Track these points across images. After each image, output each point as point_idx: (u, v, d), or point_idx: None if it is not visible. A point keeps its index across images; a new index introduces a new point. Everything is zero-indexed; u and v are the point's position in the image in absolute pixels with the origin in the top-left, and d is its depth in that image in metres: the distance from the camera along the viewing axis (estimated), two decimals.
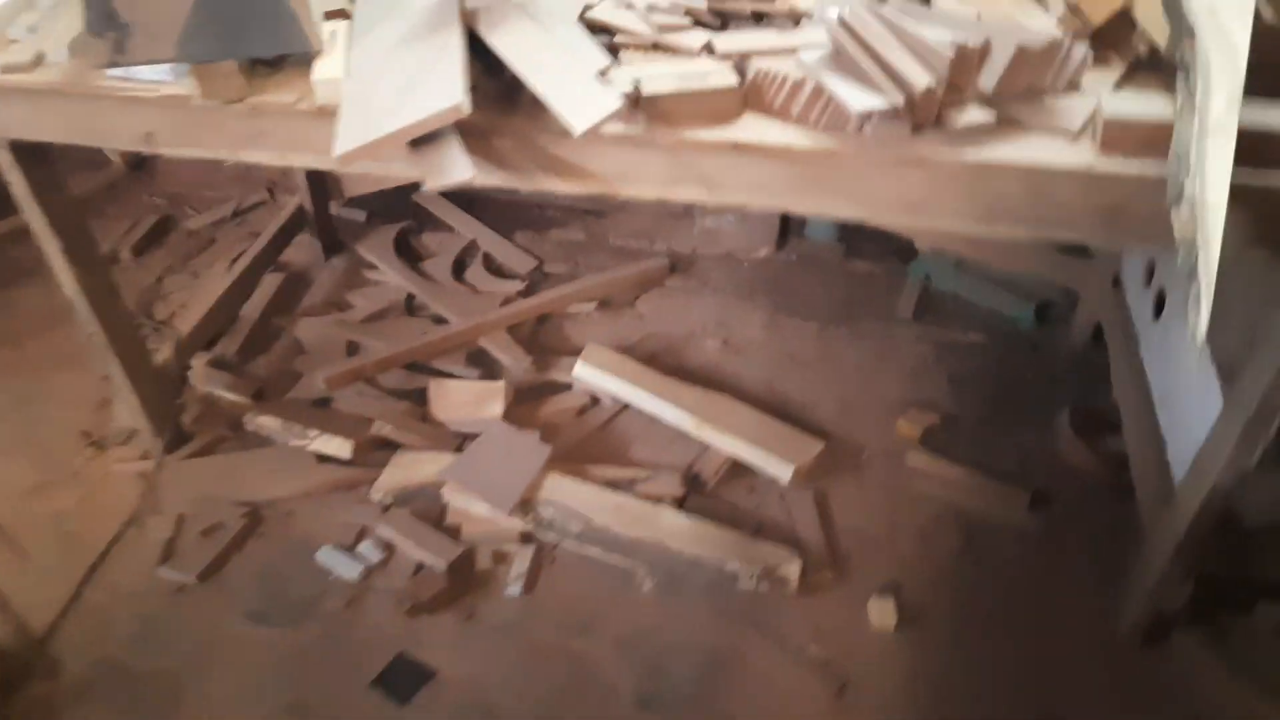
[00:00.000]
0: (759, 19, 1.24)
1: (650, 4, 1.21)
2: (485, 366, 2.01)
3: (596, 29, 1.23)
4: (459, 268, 2.28)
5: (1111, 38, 1.21)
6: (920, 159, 1.07)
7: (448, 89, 1.05)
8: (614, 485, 1.76)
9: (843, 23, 1.10)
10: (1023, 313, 2.11)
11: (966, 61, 1.06)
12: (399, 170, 1.14)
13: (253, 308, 2.16)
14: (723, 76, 1.12)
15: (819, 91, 1.10)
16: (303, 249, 2.34)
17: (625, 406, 1.93)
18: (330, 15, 1.32)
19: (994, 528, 1.74)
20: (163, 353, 1.88)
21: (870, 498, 1.80)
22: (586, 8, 1.24)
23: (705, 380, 2.00)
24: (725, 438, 1.81)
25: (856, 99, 1.04)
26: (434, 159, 1.05)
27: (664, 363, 2.05)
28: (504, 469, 1.71)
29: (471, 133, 1.15)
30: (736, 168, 1.14)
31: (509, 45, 1.10)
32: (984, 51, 1.06)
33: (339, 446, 1.79)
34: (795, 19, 1.22)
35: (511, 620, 1.60)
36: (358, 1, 1.31)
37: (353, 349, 2.04)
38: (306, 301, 2.22)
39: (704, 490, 1.79)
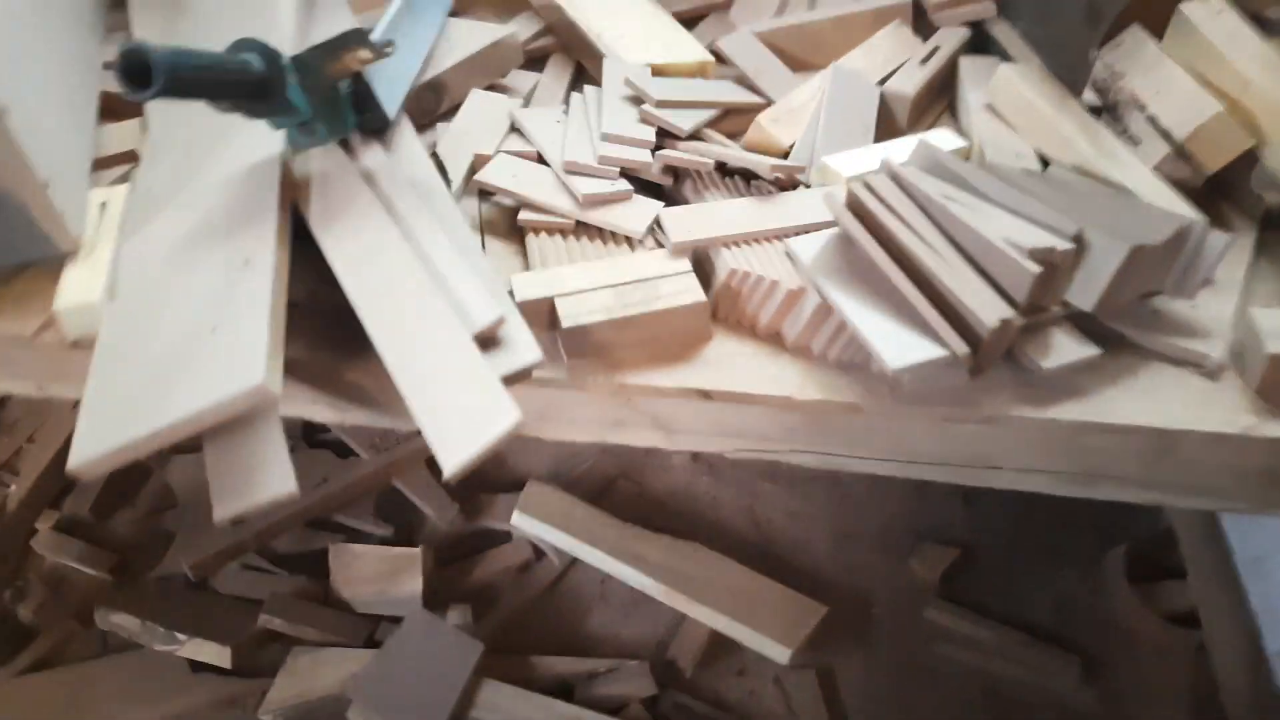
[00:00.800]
0: (725, 171, 0.85)
1: (570, 160, 0.82)
2: (401, 517, 1.63)
3: (490, 194, 0.84)
4: None
5: (1222, 181, 0.85)
6: (986, 417, 0.71)
7: (248, 350, 0.66)
8: (567, 683, 1.41)
9: (854, 205, 0.72)
10: None
11: (1055, 271, 0.69)
12: None
13: None
14: (682, 289, 0.74)
15: (826, 310, 0.72)
16: None
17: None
18: (107, 163, 0.91)
19: (1037, 708, 1.41)
20: None
21: (884, 671, 1.46)
22: (476, 164, 0.84)
23: (674, 510, 1.65)
24: (703, 609, 1.46)
25: (891, 347, 0.66)
26: (232, 460, 0.66)
27: (623, 491, 1.69)
28: (425, 680, 1.35)
29: (310, 369, 0.77)
30: (707, 413, 0.76)
31: (348, 262, 0.71)
32: (1079, 253, 0.69)
33: (215, 654, 1.41)
34: (785, 179, 0.84)
35: None
36: (146, 149, 0.90)
37: None
38: None
39: (681, 680, 1.44)
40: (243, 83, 0.67)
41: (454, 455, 0.57)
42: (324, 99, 0.74)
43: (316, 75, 0.73)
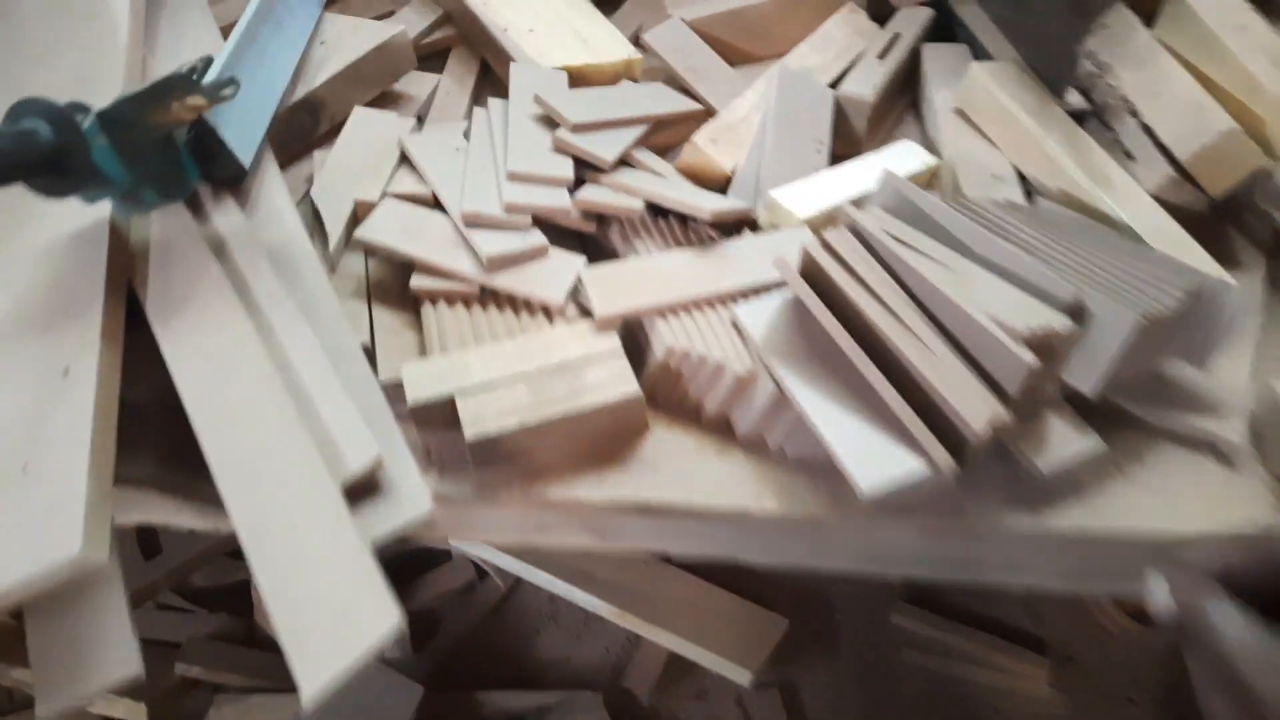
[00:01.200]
0: (658, 213, 0.72)
1: (470, 211, 0.67)
2: None
3: (373, 252, 0.70)
4: None
5: (1225, 198, 0.74)
6: (969, 528, 0.60)
7: (64, 503, 0.53)
8: (516, 719, 1.32)
9: (811, 272, 0.60)
10: None
11: (1053, 354, 0.57)
12: None
13: None
14: (612, 378, 0.61)
15: (782, 400, 0.60)
16: None
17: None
18: None
19: (1008, 713, 1.36)
20: None
21: (850, 682, 1.40)
22: (358, 212, 0.70)
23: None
24: (658, 631, 1.37)
25: (862, 463, 0.55)
26: (59, 638, 0.54)
27: None
28: None
29: (164, 483, 0.64)
30: (646, 521, 0.65)
31: (188, 371, 0.57)
32: (1079, 330, 0.58)
33: (128, 710, 1.29)
34: (726, 222, 0.70)
35: None
36: None
37: (144, 536, 1.50)
38: None
39: (637, 708, 1.36)
40: (28, 162, 0.52)
41: (312, 677, 0.44)
42: (149, 158, 0.59)
43: (135, 131, 0.57)
